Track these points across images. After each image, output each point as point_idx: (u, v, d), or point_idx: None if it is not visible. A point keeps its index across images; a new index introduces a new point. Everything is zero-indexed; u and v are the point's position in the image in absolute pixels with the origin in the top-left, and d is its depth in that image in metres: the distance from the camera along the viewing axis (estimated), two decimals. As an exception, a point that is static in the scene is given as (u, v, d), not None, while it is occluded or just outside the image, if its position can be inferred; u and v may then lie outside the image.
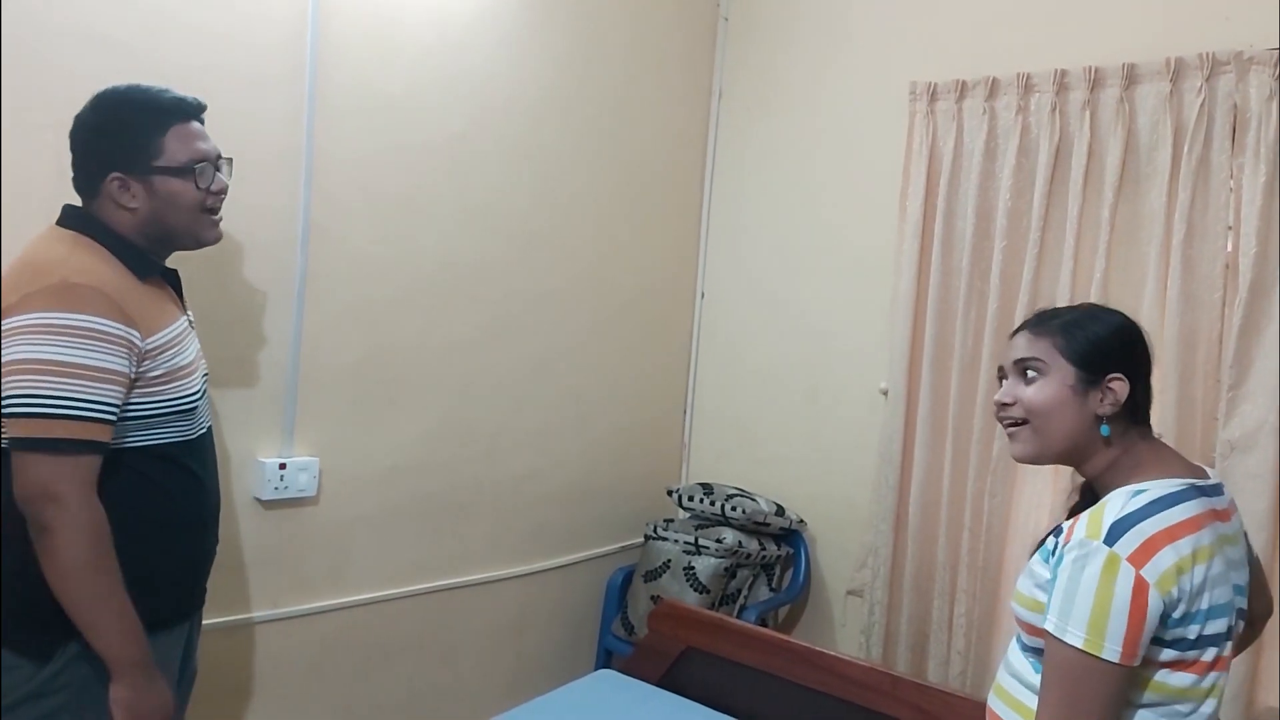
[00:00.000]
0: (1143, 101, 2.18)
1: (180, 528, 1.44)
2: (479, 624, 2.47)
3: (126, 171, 1.36)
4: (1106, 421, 1.19)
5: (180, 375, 1.39)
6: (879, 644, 2.54)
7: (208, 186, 1.42)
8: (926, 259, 2.49)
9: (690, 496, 2.75)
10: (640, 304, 2.86)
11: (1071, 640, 1.07)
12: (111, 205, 1.37)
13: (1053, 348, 1.22)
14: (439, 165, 2.22)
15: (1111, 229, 2.19)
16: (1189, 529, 1.11)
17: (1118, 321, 1.24)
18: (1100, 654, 1.06)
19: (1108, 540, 1.08)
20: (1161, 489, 1.14)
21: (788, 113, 2.89)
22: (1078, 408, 1.20)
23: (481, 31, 2.27)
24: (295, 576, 2.04)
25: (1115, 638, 1.05)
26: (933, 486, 2.47)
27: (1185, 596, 1.08)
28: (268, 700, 2.03)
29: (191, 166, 1.40)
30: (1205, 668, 1.11)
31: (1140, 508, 1.11)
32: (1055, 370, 1.21)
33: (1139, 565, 1.06)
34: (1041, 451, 1.23)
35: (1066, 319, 1.24)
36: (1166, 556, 1.07)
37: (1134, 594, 1.05)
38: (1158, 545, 1.07)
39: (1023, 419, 1.23)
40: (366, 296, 2.10)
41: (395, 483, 2.21)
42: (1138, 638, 1.06)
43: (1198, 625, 1.10)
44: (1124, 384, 1.19)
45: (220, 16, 1.79)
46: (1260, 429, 1.99)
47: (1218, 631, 1.12)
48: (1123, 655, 1.05)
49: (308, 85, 1.93)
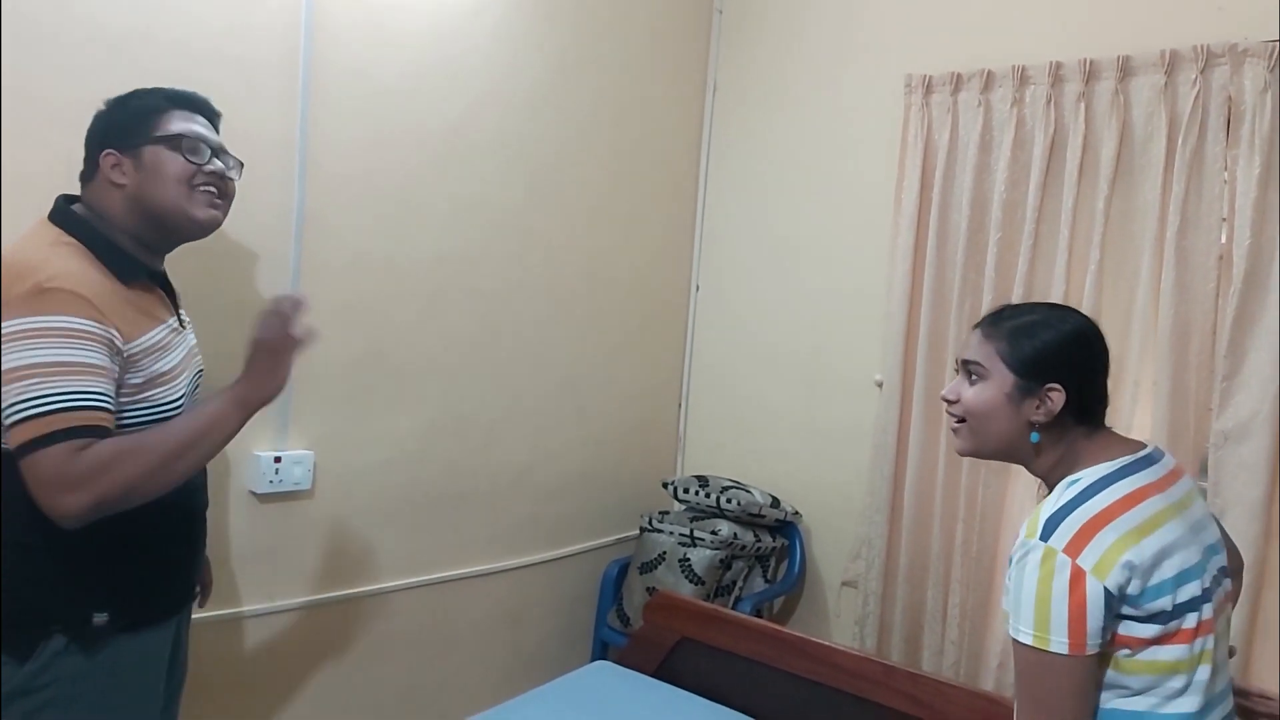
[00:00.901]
0: (1137, 94, 2.18)
1: (164, 523, 1.42)
2: (475, 616, 2.48)
3: (120, 148, 1.35)
4: (1039, 429, 1.23)
5: (161, 382, 1.35)
6: (873, 634, 2.56)
7: (199, 163, 1.39)
8: (921, 251, 2.50)
9: (685, 488, 2.76)
10: (635, 296, 2.86)
11: (1023, 639, 1.11)
12: (105, 185, 1.35)
13: (995, 354, 1.25)
14: (433, 159, 2.21)
15: (1106, 221, 2.19)
16: (1126, 506, 1.13)
17: (1069, 329, 1.25)
18: (1049, 648, 1.08)
19: (1043, 536, 1.12)
20: (1093, 475, 1.18)
21: (782, 105, 2.88)
22: (1011, 414, 1.23)
23: (476, 24, 2.26)
24: (291, 570, 2.04)
25: (1060, 630, 1.08)
26: (927, 478, 2.48)
27: (1137, 572, 1.10)
28: (263, 693, 2.03)
29: (179, 137, 1.37)
30: (1190, 635, 1.13)
31: (1072, 498, 1.15)
32: (995, 375, 1.24)
33: (1075, 554, 1.09)
34: (978, 449, 1.29)
35: (1018, 324, 1.26)
36: (1105, 538, 1.10)
37: (1071, 584, 1.08)
38: (1093, 530, 1.10)
39: (962, 417, 1.29)
40: (361, 290, 2.10)
41: (390, 476, 2.21)
42: (1082, 626, 1.08)
43: (1168, 595, 1.11)
44: (1060, 394, 1.21)
45: (214, 10, 1.78)
46: (1254, 419, 2.01)
47: (1193, 595, 1.13)
48: (1070, 646, 1.08)
49: (301, 79, 1.92)
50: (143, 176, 1.35)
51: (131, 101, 1.39)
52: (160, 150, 1.36)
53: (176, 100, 1.42)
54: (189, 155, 1.38)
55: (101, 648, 1.31)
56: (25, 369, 1.18)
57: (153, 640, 1.41)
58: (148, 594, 1.39)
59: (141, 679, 1.40)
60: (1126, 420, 2.16)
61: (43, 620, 1.27)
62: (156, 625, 1.42)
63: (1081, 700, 1.11)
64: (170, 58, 1.72)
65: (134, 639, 1.35)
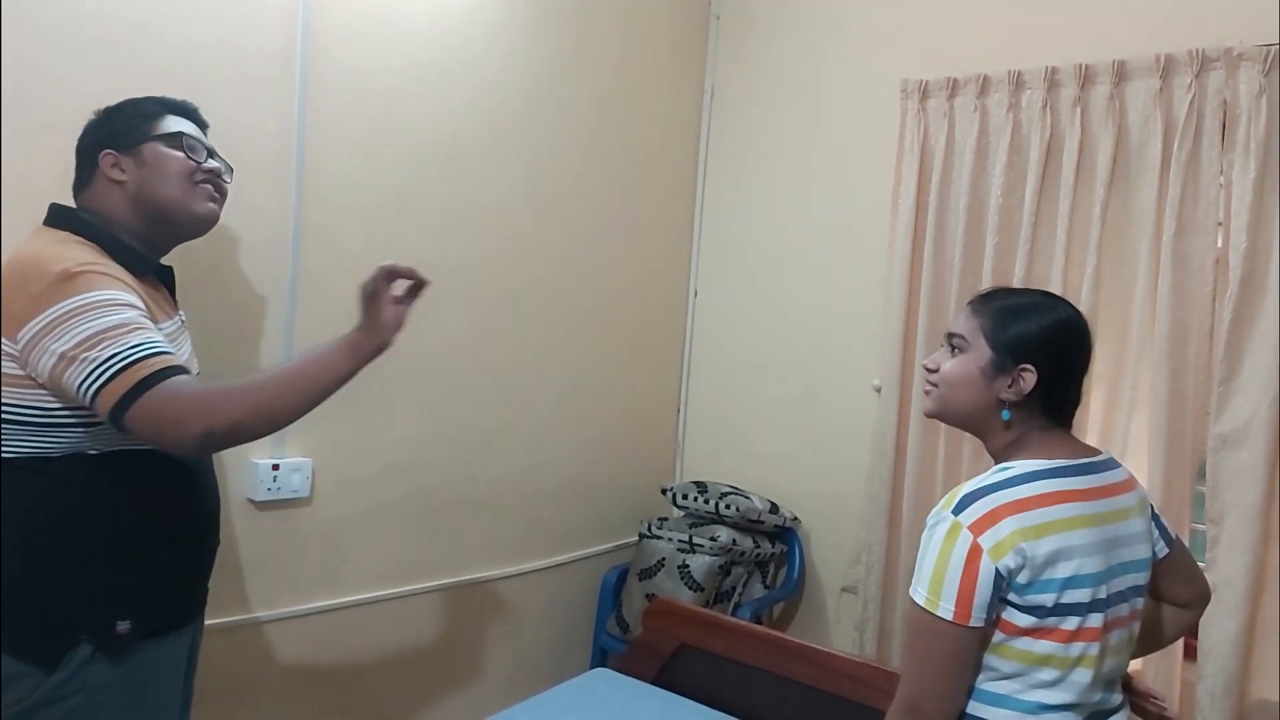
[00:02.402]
0: (1133, 98, 2.19)
1: (181, 529, 1.44)
2: (474, 623, 2.47)
3: (118, 148, 1.38)
4: (1009, 407, 1.26)
5: None
6: (873, 640, 2.55)
7: (199, 161, 1.42)
8: (919, 256, 2.50)
9: (684, 495, 2.76)
10: (633, 302, 2.86)
11: (917, 599, 1.18)
12: (104, 184, 1.37)
13: (979, 329, 1.29)
14: (430, 164, 2.21)
15: (1103, 225, 2.20)
16: (1038, 503, 1.18)
17: (1056, 319, 1.27)
18: (936, 611, 1.15)
19: (955, 510, 1.18)
20: (1023, 467, 1.22)
21: (779, 110, 2.89)
22: (983, 388, 1.27)
23: (472, 30, 2.27)
24: (290, 577, 2.04)
25: (949, 597, 1.15)
26: (926, 482, 2.48)
27: (1029, 564, 1.15)
28: (263, 701, 2.02)
29: (179, 135, 1.41)
30: (1067, 635, 1.18)
31: (993, 483, 1.20)
32: (974, 350, 1.29)
33: (977, 533, 1.15)
34: (942, 413, 1.35)
35: (1006, 305, 1.30)
36: (1007, 525, 1.15)
37: (968, 558, 1.14)
38: (1000, 516, 1.16)
39: (936, 384, 1.35)
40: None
41: (389, 483, 2.21)
42: (970, 599, 1.14)
43: (1052, 594, 1.16)
44: (1032, 375, 1.24)
45: (211, 18, 1.78)
46: (1251, 422, 2.01)
47: (1078, 601, 1.17)
48: (955, 614, 1.14)
49: (298, 84, 1.92)
50: (144, 173, 1.38)
51: (126, 108, 1.42)
52: (160, 147, 1.39)
53: (170, 106, 1.45)
54: (189, 152, 1.41)
55: (126, 656, 1.31)
56: (88, 340, 1.19)
57: (172, 646, 1.42)
58: (168, 599, 1.40)
59: (162, 686, 1.40)
60: (1124, 424, 2.16)
61: (70, 628, 1.27)
62: (176, 631, 1.43)
63: (957, 669, 1.18)
64: (166, 63, 1.72)
65: (155, 646, 1.35)
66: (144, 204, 1.38)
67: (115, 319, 1.22)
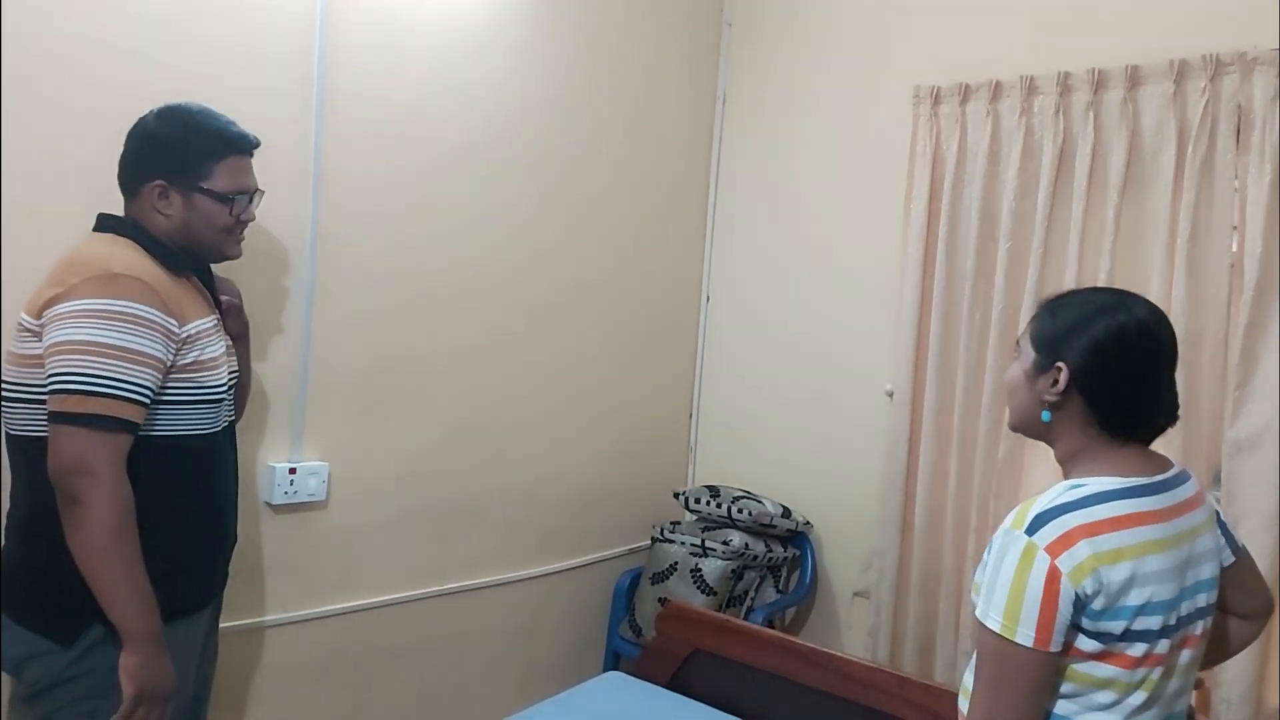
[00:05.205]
0: (1147, 103, 2.18)
1: (203, 514, 1.50)
2: (488, 627, 2.49)
3: (170, 182, 1.45)
4: (1049, 408, 1.22)
5: (209, 366, 1.46)
6: (886, 645, 2.55)
7: (239, 215, 1.52)
8: (931, 261, 2.50)
9: (697, 499, 2.76)
10: (646, 308, 2.87)
11: (991, 625, 1.11)
12: (148, 208, 1.45)
13: (1029, 331, 1.27)
14: (446, 173, 2.23)
15: (1116, 230, 2.19)
16: (1113, 526, 1.12)
17: (1109, 323, 1.18)
18: (1015, 638, 1.09)
19: (1029, 530, 1.12)
20: (1096, 486, 1.16)
21: (791, 117, 2.90)
22: (1028, 390, 1.25)
23: (488, 40, 2.29)
24: (305, 580, 2.06)
25: (1029, 623, 1.09)
26: (939, 488, 2.47)
27: (1105, 590, 1.10)
28: (277, 703, 2.04)
29: (232, 196, 1.50)
30: (1133, 662, 1.13)
31: (1067, 502, 1.14)
32: (1024, 352, 1.27)
33: (1055, 555, 1.09)
34: (1011, 423, 1.32)
35: (1059, 304, 1.26)
36: (1083, 549, 1.09)
37: (1047, 582, 1.09)
38: (1075, 538, 1.10)
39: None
40: (375, 303, 2.12)
41: (404, 487, 2.23)
42: (1050, 624, 1.09)
43: (1124, 620, 1.11)
44: (1064, 372, 1.19)
45: (229, 26, 1.81)
46: (1267, 428, 2.00)
47: (1148, 628, 1.13)
48: (1036, 640, 1.09)
49: (315, 93, 1.95)
50: (189, 216, 1.47)
51: (191, 139, 1.46)
52: (210, 202, 1.48)
53: (232, 144, 1.51)
54: (235, 212, 1.51)
55: None
56: (84, 344, 1.29)
57: (187, 630, 1.47)
58: (179, 585, 1.44)
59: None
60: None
61: (83, 609, 1.32)
62: (191, 615, 1.48)
63: (1035, 696, 1.12)
64: (185, 69, 1.75)
65: (166, 631, 1.38)
66: (180, 236, 1.48)
67: (122, 339, 1.31)
